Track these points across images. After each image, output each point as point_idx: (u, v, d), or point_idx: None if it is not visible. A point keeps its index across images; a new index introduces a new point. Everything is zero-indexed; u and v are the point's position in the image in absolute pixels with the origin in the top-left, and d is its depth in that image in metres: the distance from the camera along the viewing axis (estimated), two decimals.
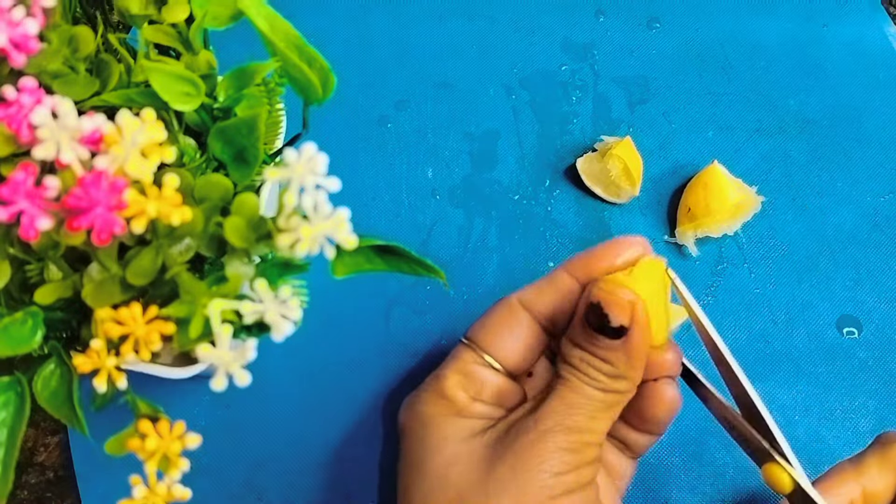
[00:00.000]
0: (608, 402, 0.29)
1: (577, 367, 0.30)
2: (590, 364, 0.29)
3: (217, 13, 0.26)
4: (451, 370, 0.32)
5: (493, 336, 0.32)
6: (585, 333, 0.29)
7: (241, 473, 0.37)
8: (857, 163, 0.44)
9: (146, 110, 0.21)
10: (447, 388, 0.32)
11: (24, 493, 0.37)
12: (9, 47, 0.22)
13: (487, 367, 0.32)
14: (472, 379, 0.32)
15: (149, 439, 0.22)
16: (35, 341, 0.23)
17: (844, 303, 0.41)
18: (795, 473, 0.29)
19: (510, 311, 0.32)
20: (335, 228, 0.21)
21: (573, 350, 0.30)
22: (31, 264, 0.24)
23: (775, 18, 0.48)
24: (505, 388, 0.32)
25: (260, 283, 0.22)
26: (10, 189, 0.20)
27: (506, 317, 0.32)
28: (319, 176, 0.21)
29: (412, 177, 0.44)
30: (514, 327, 0.32)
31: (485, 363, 0.32)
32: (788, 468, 0.29)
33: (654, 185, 0.44)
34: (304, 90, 0.26)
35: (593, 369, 0.29)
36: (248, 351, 0.21)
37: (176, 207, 0.21)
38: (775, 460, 0.29)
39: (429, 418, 0.32)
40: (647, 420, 0.32)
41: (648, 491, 0.37)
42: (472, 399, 0.32)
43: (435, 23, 0.48)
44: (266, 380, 0.39)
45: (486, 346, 0.32)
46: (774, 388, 0.39)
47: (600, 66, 0.47)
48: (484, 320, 0.33)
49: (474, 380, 0.32)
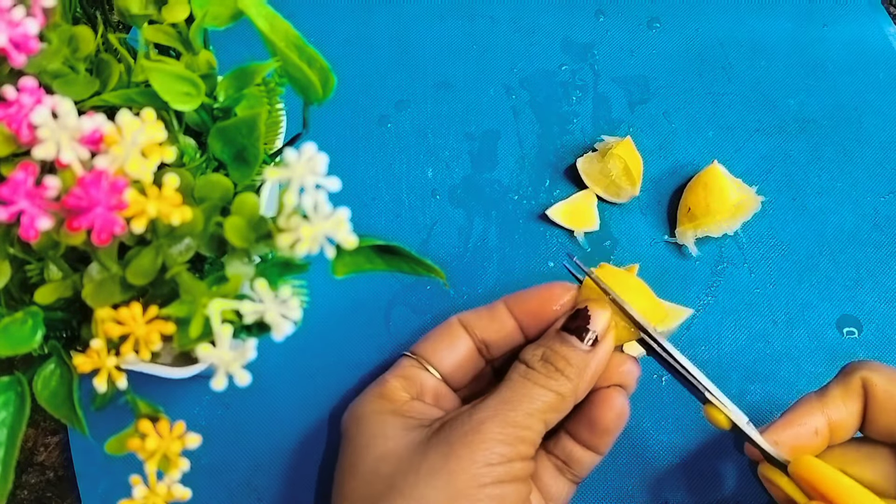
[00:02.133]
0: (548, 403, 0.30)
1: (533, 365, 0.31)
2: (549, 360, 0.31)
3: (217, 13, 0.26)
4: (393, 375, 0.34)
5: (432, 348, 0.35)
6: (559, 337, 0.32)
7: (241, 473, 0.37)
8: (857, 163, 0.44)
9: (146, 110, 0.21)
10: (387, 389, 0.33)
11: (24, 493, 0.37)
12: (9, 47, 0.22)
13: (426, 371, 0.34)
14: (412, 381, 0.34)
15: (149, 439, 0.22)
16: (35, 341, 0.23)
17: (844, 303, 0.41)
18: (728, 412, 0.31)
19: (450, 328, 0.35)
20: (335, 228, 0.21)
21: (535, 350, 0.32)
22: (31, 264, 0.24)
23: (775, 18, 0.48)
24: (444, 392, 0.34)
25: (260, 283, 0.22)
26: (10, 189, 0.20)
27: (446, 333, 0.35)
28: (319, 176, 0.21)
29: (412, 177, 0.44)
30: (453, 342, 0.35)
31: (424, 368, 0.34)
32: (722, 408, 0.31)
33: (654, 185, 0.44)
34: (304, 90, 0.26)
35: (551, 366, 0.31)
36: (248, 351, 0.21)
37: (176, 207, 0.21)
38: (710, 402, 0.31)
39: (365, 417, 0.33)
40: (594, 426, 0.33)
41: (648, 491, 0.37)
42: (411, 398, 0.33)
43: (435, 23, 0.48)
44: (266, 380, 0.39)
45: (426, 355, 0.35)
46: (774, 388, 0.39)
47: (600, 66, 0.47)
48: (426, 337, 0.36)
49: (414, 382, 0.34)
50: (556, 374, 0.31)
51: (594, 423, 0.32)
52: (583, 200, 0.43)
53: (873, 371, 0.30)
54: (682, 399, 0.39)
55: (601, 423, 0.32)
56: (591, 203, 0.43)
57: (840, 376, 0.31)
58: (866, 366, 0.31)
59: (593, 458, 0.33)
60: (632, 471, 0.38)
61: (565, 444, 0.33)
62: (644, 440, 0.38)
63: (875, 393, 0.30)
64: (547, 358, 0.31)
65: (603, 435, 0.33)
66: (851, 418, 0.30)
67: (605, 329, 0.32)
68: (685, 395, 0.33)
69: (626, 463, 0.38)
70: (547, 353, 0.31)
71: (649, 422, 0.38)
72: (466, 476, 0.28)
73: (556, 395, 0.30)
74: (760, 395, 0.39)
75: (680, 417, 0.39)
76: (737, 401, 0.31)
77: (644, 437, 0.38)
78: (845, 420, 0.30)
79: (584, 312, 0.32)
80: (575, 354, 0.31)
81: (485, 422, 0.29)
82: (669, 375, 0.37)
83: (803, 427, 0.30)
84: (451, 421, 0.30)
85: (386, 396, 0.33)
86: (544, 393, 0.30)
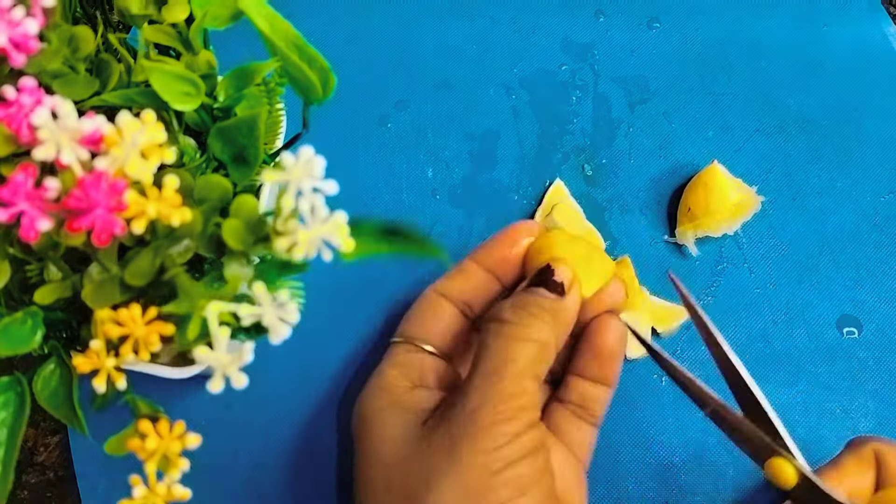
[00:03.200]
0: (531, 355, 0.29)
1: (503, 317, 0.30)
2: (521, 308, 0.30)
3: (217, 13, 0.26)
4: (389, 365, 0.33)
5: (419, 325, 0.34)
6: (526, 290, 0.32)
7: (241, 473, 0.37)
8: (857, 163, 0.44)
9: (146, 111, 0.21)
10: (387, 382, 0.33)
11: (24, 493, 0.37)
12: (9, 47, 0.22)
13: (422, 351, 0.33)
14: (410, 367, 0.33)
15: (149, 439, 0.22)
16: (35, 341, 0.23)
17: (844, 303, 0.41)
18: (801, 465, 0.28)
19: (429, 301, 0.35)
20: (332, 232, 0.21)
21: (505, 302, 0.31)
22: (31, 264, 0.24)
23: (775, 18, 0.48)
24: (444, 370, 0.33)
25: (258, 286, 0.22)
26: (10, 190, 0.20)
27: (427, 307, 0.35)
28: (317, 179, 0.21)
29: (412, 177, 0.44)
30: (436, 313, 0.34)
31: (418, 349, 0.33)
32: (794, 461, 0.29)
33: (655, 184, 0.44)
34: (304, 90, 0.26)
35: (523, 312, 0.30)
36: (245, 353, 0.21)
37: (176, 208, 0.21)
38: (779, 454, 0.29)
39: (371, 414, 0.32)
40: (599, 354, 0.32)
41: (648, 490, 0.37)
42: (413, 386, 0.32)
43: (435, 23, 0.48)
44: (266, 380, 0.39)
45: (415, 334, 0.34)
46: (774, 388, 0.39)
47: (600, 66, 0.47)
48: (407, 316, 0.35)
49: (412, 367, 0.33)
50: (531, 319, 0.30)
51: (598, 351, 0.32)
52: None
53: (884, 443, 0.31)
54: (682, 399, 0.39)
55: (605, 347, 0.32)
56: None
57: (851, 448, 0.32)
58: (875, 439, 0.32)
59: (606, 392, 0.33)
60: (632, 471, 0.38)
61: (575, 384, 0.33)
62: (644, 440, 0.38)
63: (888, 462, 0.31)
64: (517, 305, 0.30)
65: (609, 361, 0.32)
66: (868, 491, 0.31)
67: (571, 281, 0.32)
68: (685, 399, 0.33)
69: (626, 463, 0.38)
70: (517, 302, 0.31)
71: (649, 422, 0.38)
72: (476, 469, 0.27)
73: (536, 344, 0.29)
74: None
75: (680, 417, 0.39)
76: None
77: (644, 437, 0.38)
78: (862, 489, 0.31)
79: (549, 268, 0.32)
80: (545, 301, 0.31)
81: (478, 408, 0.28)
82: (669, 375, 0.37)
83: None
84: (446, 413, 0.29)
85: (386, 389, 0.32)
86: (524, 346, 0.29)
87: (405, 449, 0.30)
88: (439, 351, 0.34)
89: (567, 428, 0.33)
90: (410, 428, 0.30)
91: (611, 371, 0.33)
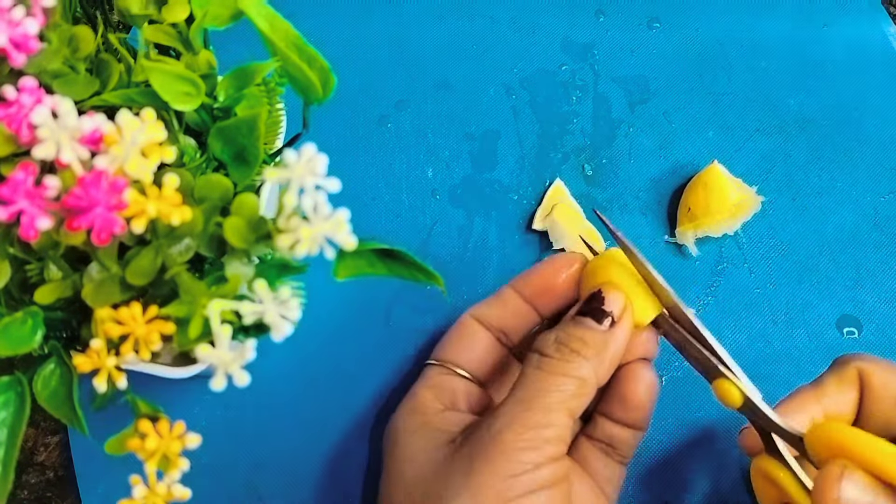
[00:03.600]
0: (569, 391, 0.29)
1: (546, 352, 0.30)
2: (564, 343, 0.30)
3: (217, 13, 0.26)
4: (422, 387, 0.34)
5: (454, 350, 0.34)
6: (573, 321, 0.31)
7: (241, 473, 0.37)
8: (857, 163, 0.44)
9: (146, 110, 0.21)
10: (420, 403, 0.33)
11: (24, 493, 0.37)
12: (9, 47, 0.22)
13: (456, 375, 0.34)
14: (443, 390, 0.33)
15: (149, 439, 0.22)
16: (35, 341, 0.23)
17: (844, 303, 0.41)
18: (743, 386, 0.29)
19: (466, 327, 0.35)
20: (335, 229, 0.21)
21: (548, 335, 0.31)
22: (31, 264, 0.24)
23: (775, 18, 0.48)
24: (477, 395, 0.34)
25: (259, 284, 0.22)
26: (10, 189, 0.20)
27: (463, 332, 0.35)
28: (319, 177, 0.21)
29: (412, 177, 0.44)
30: (471, 339, 0.34)
31: (452, 373, 0.34)
32: (736, 381, 0.29)
33: (655, 185, 0.44)
34: (304, 90, 0.26)
35: (566, 348, 0.29)
36: (247, 351, 0.21)
37: (176, 207, 0.21)
38: (724, 376, 0.30)
39: (402, 433, 0.32)
40: (627, 403, 0.32)
41: (648, 491, 0.37)
42: (445, 409, 0.32)
43: (435, 23, 0.48)
44: (266, 380, 0.39)
45: (450, 358, 0.34)
46: (774, 388, 0.39)
47: (600, 66, 0.47)
48: (444, 340, 0.35)
49: (445, 390, 0.33)
50: (573, 356, 0.29)
51: (626, 400, 0.32)
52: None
53: (868, 362, 0.30)
54: (682, 399, 0.39)
55: (633, 398, 0.32)
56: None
57: (834, 367, 0.31)
58: (860, 357, 0.30)
59: (635, 435, 0.33)
60: (632, 471, 0.38)
61: (603, 426, 0.33)
62: (644, 440, 0.38)
63: (871, 382, 0.30)
64: (561, 341, 0.30)
65: (637, 410, 0.32)
66: (847, 408, 0.30)
67: (622, 309, 0.30)
68: (685, 394, 0.33)
69: None
70: (561, 337, 0.30)
71: None
72: (491, 493, 0.27)
73: (575, 381, 0.29)
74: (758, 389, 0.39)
75: (680, 417, 0.39)
76: None
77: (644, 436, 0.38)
78: (841, 410, 0.30)
79: (599, 295, 0.31)
80: (591, 334, 0.30)
81: (502, 431, 0.28)
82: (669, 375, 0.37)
83: (799, 416, 0.30)
84: (472, 433, 0.29)
85: (418, 411, 0.32)
86: (563, 381, 0.28)
87: (428, 467, 0.30)
88: (472, 376, 0.34)
89: (594, 463, 0.33)
90: (438, 448, 0.30)
91: (640, 419, 0.32)
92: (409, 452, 0.31)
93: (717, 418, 0.38)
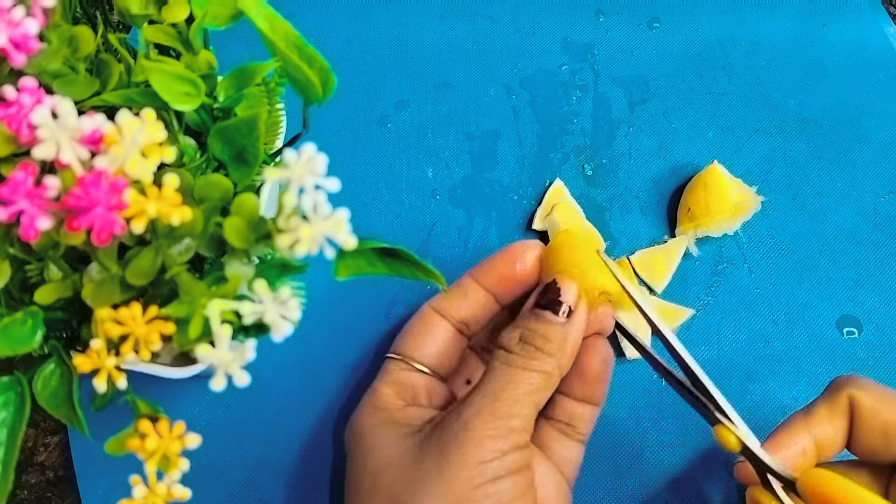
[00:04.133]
0: (534, 384, 0.30)
1: (512, 349, 0.31)
2: (528, 341, 0.31)
3: (217, 13, 0.26)
4: (382, 382, 0.34)
5: (414, 343, 0.34)
6: (533, 315, 0.32)
7: (241, 473, 0.37)
8: (857, 163, 0.44)
9: (146, 110, 0.21)
10: (381, 400, 0.33)
11: (24, 493, 0.37)
12: (9, 47, 0.22)
13: (416, 371, 0.34)
14: (403, 386, 0.33)
15: (149, 439, 0.22)
16: (35, 341, 0.23)
17: (844, 303, 0.41)
18: (740, 433, 0.30)
19: (426, 319, 0.35)
20: (335, 229, 0.21)
21: (512, 332, 0.31)
22: (31, 264, 0.24)
23: (775, 18, 0.48)
24: (437, 390, 0.34)
25: (259, 284, 0.22)
26: (10, 189, 0.20)
27: (423, 324, 0.35)
28: (319, 176, 0.21)
29: (412, 177, 0.44)
30: (432, 331, 0.35)
31: (412, 368, 0.34)
32: (733, 429, 0.30)
33: (655, 184, 0.44)
34: (304, 90, 0.26)
35: (531, 346, 0.30)
36: (247, 351, 0.21)
37: (176, 207, 0.21)
38: (721, 422, 0.30)
39: (364, 430, 0.32)
40: (585, 377, 0.33)
41: (648, 491, 0.37)
42: (406, 404, 0.33)
43: (435, 23, 0.48)
44: (266, 380, 0.39)
45: (410, 352, 0.34)
46: (774, 388, 0.39)
47: (600, 66, 0.47)
48: (404, 332, 0.35)
49: (406, 386, 0.33)
50: (537, 354, 0.30)
51: (584, 374, 0.33)
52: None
53: (860, 389, 0.30)
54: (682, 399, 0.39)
55: (590, 371, 0.33)
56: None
57: (826, 393, 0.31)
58: (853, 383, 0.30)
59: (593, 411, 0.34)
60: (632, 471, 0.38)
61: (563, 404, 0.33)
62: (644, 440, 0.38)
63: (861, 412, 0.30)
64: (525, 339, 0.31)
65: (595, 383, 0.33)
66: (838, 437, 0.30)
67: (577, 299, 0.32)
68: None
69: (627, 463, 0.38)
70: (524, 334, 0.31)
71: (649, 422, 0.38)
72: (461, 479, 0.28)
73: (540, 375, 0.30)
74: (760, 395, 0.39)
75: (680, 417, 0.39)
76: (737, 400, 0.32)
77: (644, 437, 0.38)
78: (831, 439, 0.30)
79: (554, 286, 0.32)
80: (552, 329, 0.31)
81: (472, 420, 0.29)
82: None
83: (791, 449, 0.30)
84: (441, 423, 0.30)
85: (380, 407, 0.33)
86: (528, 375, 0.30)
87: (395, 457, 0.30)
88: (433, 370, 0.34)
89: (554, 445, 0.33)
90: (402, 439, 0.31)
91: (597, 392, 0.33)
92: (373, 445, 0.31)
93: None
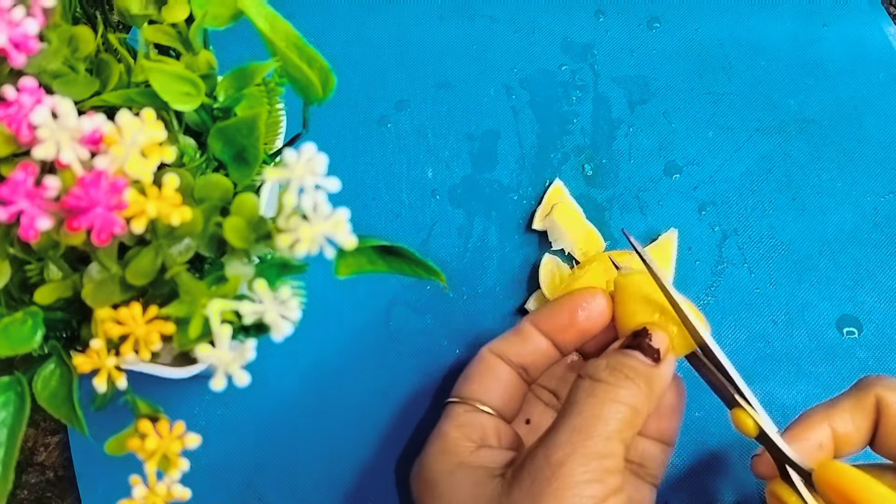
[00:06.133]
0: (623, 420, 0.28)
1: (598, 376, 0.29)
2: (617, 369, 0.29)
3: (217, 13, 0.26)
4: (449, 426, 0.33)
5: (476, 386, 0.33)
6: (620, 352, 0.31)
7: (241, 473, 0.37)
8: (857, 163, 0.44)
9: (146, 110, 0.21)
10: (450, 443, 0.32)
11: (24, 493, 0.37)
12: (9, 47, 0.22)
13: (481, 412, 0.33)
14: (471, 427, 0.32)
15: (149, 439, 0.22)
16: (35, 341, 0.23)
17: (844, 303, 0.41)
18: (758, 418, 0.30)
19: (486, 362, 0.34)
20: (335, 229, 0.21)
21: (599, 361, 0.30)
22: (31, 264, 0.24)
23: (775, 18, 0.48)
24: (505, 431, 0.33)
25: (259, 284, 0.22)
26: (10, 189, 0.20)
27: (484, 368, 0.34)
28: (319, 176, 0.21)
29: (412, 177, 0.44)
30: (495, 373, 0.34)
31: (477, 410, 0.33)
32: (752, 413, 0.30)
33: (655, 185, 0.44)
34: (304, 90, 0.26)
35: (620, 374, 0.29)
36: (247, 351, 0.21)
37: (176, 207, 0.21)
38: (740, 405, 0.30)
39: (437, 476, 0.31)
40: (660, 409, 0.32)
41: None
42: (477, 447, 0.32)
43: (435, 23, 0.48)
44: (266, 380, 0.39)
45: (475, 395, 0.33)
46: (774, 388, 0.39)
47: (600, 66, 0.47)
48: (464, 376, 0.34)
49: (474, 427, 0.32)
50: (626, 382, 0.29)
51: (659, 407, 0.31)
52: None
53: (889, 389, 0.30)
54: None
55: (666, 404, 0.32)
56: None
57: (853, 390, 0.31)
58: (882, 383, 0.30)
59: (665, 451, 0.33)
60: None
61: (635, 442, 0.32)
62: None
63: (889, 412, 0.29)
64: (613, 366, 0.30)
65: (670, 415, 0.32)
66: (859, 434, 0.30)
67: (667, 348, 0.31)
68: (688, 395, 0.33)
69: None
70: (612, 363, 0.30)
71: None
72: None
73: (629, 409, 0.28)
74: (760, 395, 0.38)
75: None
76: None
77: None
78: (851, 435, 0.30)
79: (645, 332, 0.31)
80: (641, 365, 0.30)
81: (565, 463, 0.27)
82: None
83: (808, 441, 0.30)
84: (527, 466, 0.28)
85: (450, 451, 0.31)
86: (617, 409, 0.28)
87: (478, 501, 0.29)
88: (498, 412, 0.33)
89: (629, 490, 0.32)
90: (484, 484, 0.29)
91: (671, 426, 0.32)
92: (452, 493, 0.30)
93: (718, 418, 0.38)
